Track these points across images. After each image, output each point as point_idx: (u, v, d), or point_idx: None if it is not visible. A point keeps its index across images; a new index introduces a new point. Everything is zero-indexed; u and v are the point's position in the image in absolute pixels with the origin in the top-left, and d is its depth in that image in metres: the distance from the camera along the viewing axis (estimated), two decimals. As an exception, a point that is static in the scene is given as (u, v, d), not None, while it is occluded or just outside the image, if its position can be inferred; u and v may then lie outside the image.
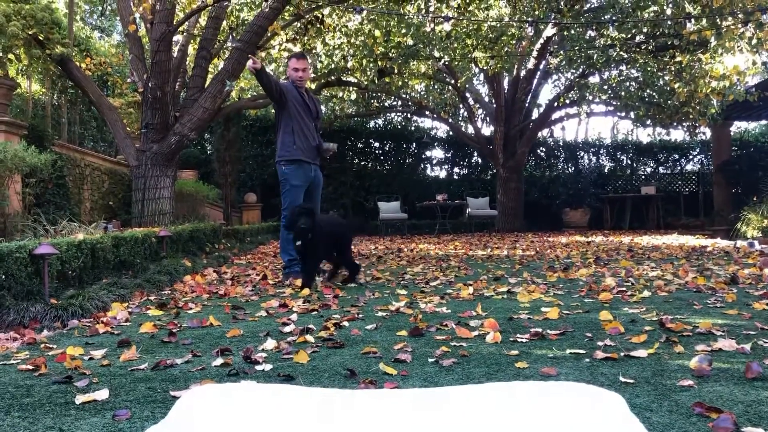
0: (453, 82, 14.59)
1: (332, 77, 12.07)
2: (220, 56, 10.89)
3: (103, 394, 1.98)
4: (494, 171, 17.00)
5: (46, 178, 6.02)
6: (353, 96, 14.99)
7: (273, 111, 12.63)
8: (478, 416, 1.43)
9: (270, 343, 2.65)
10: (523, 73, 15.57)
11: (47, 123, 8.87)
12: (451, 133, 17.94)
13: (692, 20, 10.40)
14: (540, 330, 2.81)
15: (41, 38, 7.59)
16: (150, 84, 8.18)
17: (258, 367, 2.28)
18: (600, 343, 2.53)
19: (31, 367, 2.38)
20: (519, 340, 2.67)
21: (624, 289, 4.18)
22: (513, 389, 1.59)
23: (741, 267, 5.48)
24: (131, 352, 2.57)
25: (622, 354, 2.35)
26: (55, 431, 1.68)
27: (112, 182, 8.95)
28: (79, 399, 1.95)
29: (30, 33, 7.42)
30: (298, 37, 11.18)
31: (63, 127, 10.07)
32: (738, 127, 17.88)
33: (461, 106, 17.08)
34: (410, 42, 11.31)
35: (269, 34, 9.50)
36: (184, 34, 9.73)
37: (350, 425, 1.39)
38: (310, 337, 2.82)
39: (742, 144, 16.88)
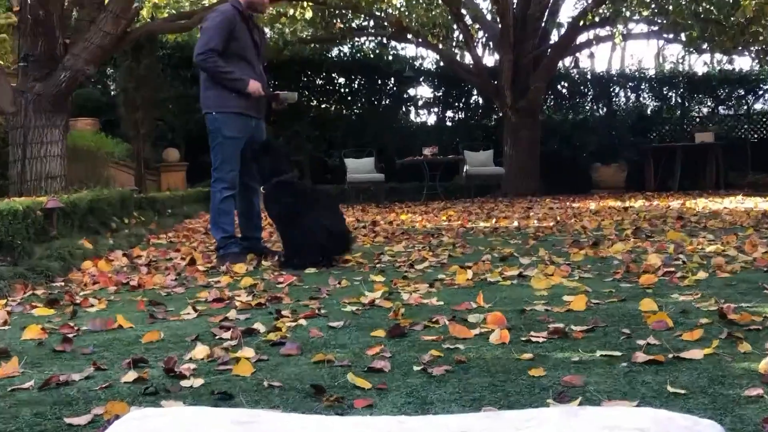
0: (444, -6, 14.51)
1: (280, -11, 11.93)
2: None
3: (-28, 424, 1.96)
4: (500, 114, 17.01)
5: None
6: (308, 14, 14.83)
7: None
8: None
9: (200, 350, 2.64)
10: (537, -19, 15.53)
11: None
12: (442, 63, 17.88)
13: None
14: (561, 326, 2.83)
15: None
16: (29, 0, 8.01)
17: (185, 383, 2.28)
18: (641, 342, 2.56)
19: None
20: (533, 339, 2.70)
21: (672, 269, 4.23)
22: (564, 418, 1.50)
23: (825, 238, 5.58)
24: (11, 365, 2.55)
25: (670, 356, 2.38)
26: None
27: (-20, 136, 8.81)
28: (-60, 431, 1.92)
29: None
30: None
31: None
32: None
33: (455, 27, 17.00)
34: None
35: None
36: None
37: None
38: (254, 341, 2.81)
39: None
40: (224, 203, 5.49)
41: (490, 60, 17.53)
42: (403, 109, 18.55)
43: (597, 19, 15.66)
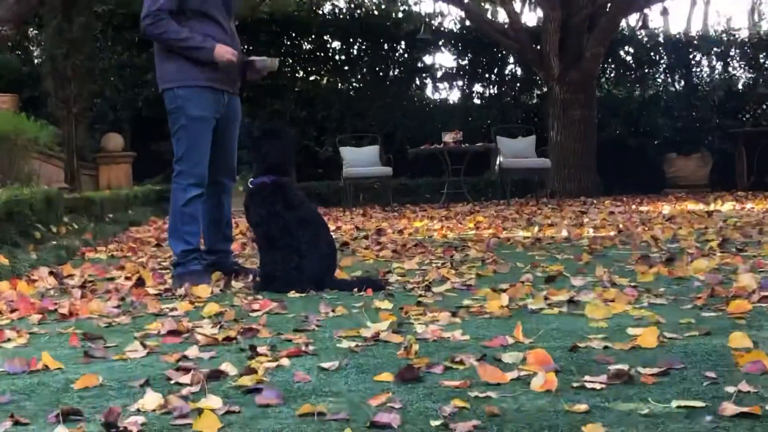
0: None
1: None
2: None
3: None
4: (544, 89, 17.01)
5: None
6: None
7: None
8: None
9: (151, 399, 2.64)
10: None
11: None
12: (468, 23, 17.88)
13: None
14: (625, 367, 2.83)
15: None
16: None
17: (130, 442, 2.28)
18: (730, 389, 2.56)
19: None
20: (589, 385, 2.69)
21: (772, 293, 4.22)
22: None
23: None
24: None
25: (768, 407, 2.37)
26: None
27: None
28: None
29: None
30: None
31: None
32: None
33: (485, -26, 17.03)
34: None
35: None
36: None
37: None
38: (222, 387, 2.81)
39: None
40: (189, 205, 5.44)
41: (531, 18, 17.52)
42: (417, 82, 18.55)
43: (672, -36, 15.65)
